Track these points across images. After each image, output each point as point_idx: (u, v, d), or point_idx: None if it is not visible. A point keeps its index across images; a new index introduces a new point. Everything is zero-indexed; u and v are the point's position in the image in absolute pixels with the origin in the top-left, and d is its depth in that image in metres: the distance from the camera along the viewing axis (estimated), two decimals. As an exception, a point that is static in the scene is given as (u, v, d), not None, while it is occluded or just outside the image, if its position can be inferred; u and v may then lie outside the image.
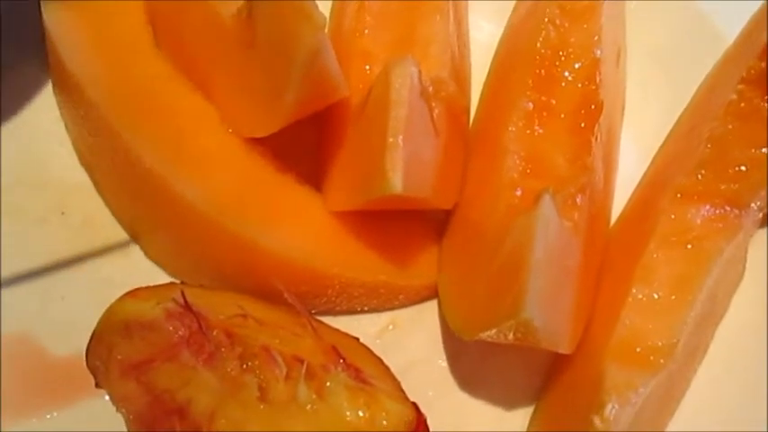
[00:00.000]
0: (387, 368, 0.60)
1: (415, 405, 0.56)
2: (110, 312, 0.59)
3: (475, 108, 0.73)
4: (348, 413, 0.54)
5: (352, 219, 0.65)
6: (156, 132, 0.65)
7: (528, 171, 0.63)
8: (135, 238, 0.68)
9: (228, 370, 0.57)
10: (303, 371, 0.55)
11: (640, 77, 0.75)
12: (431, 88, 0.64)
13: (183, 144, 0.65)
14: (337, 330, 0.63)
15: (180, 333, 0.58)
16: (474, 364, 0.65)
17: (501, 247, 0.57)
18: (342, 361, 0.57)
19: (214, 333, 0.58)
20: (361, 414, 0.54)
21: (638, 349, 0.58)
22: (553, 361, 0.64)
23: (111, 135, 0.64)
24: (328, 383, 0.55)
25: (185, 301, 0.58)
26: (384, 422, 0.54)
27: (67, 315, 0.66)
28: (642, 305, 0.59)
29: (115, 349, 0.58)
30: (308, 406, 0.55)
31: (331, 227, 0.65)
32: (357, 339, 0.62)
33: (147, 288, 0.61)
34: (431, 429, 0.56)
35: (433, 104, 0.64)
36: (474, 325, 0.57)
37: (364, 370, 0.57)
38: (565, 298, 0.57)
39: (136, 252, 0.68)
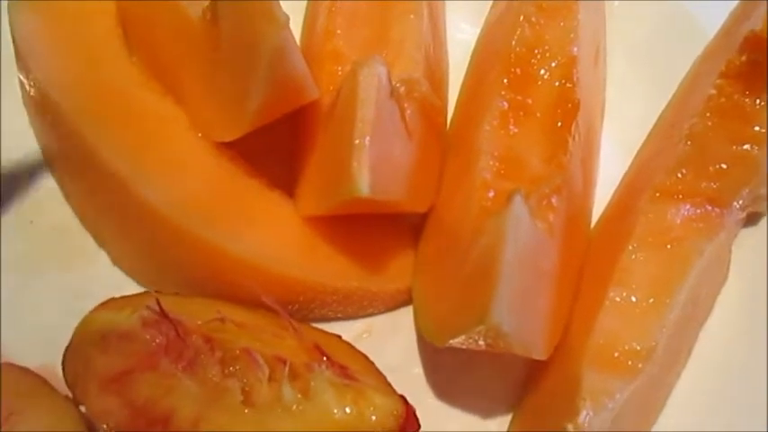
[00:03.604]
0: (372, 363, 0.59)
1: (403, 398, 0.55)
2: (84, 324, 0.59)
3: (453, 109, 0.72)
4: (335, 411, 0.54)
5: (324, 223, 0.64)
6: (124, 137, 0.64)
7: (502, 172, 0.61)
8: (104, 246, 0.67)
9: (210, 375, 0.56)
10: (286, 371, 0.55)
11: (622, 75, 0.73)
12: (402, 88, 0.62)
13: (152, 149, 0.64)
14: (318, 329, 0.62)
15: (157, 341, 0.57)
16: (451, 372, 0.64)
17: (472, 251, 0.55)
18: (325, 359, 0.56)
19: (193, 339, 0.57)
20: (348, 411, 0.54)
21: (615, 354, 0.56)
22: (531, 367, 0.62)
23: (78, 141, 0.63)
24: (313, 382, 0.55)
25: (161, 308, 0.57)
26: (373, 417, 0.54)
27: (37, 326, 0.64)
28: (619, 308, 0.57)
29: (92, 362, 0.57)
30: (294, 406, 0.54)
31: (303, 232, 0.64)
32: (339, 337, 0.61)
33: (121, 298, 0.61)
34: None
35: (406, 105, 0.62)
36: (444, 331, 0.56)
37: (349, 366, 0.57)
38: (539, 302, 0.56)
39: (105, 261, 0.67)
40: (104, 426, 0.56)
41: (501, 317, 0.50)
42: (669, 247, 0.59)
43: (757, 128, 0.61)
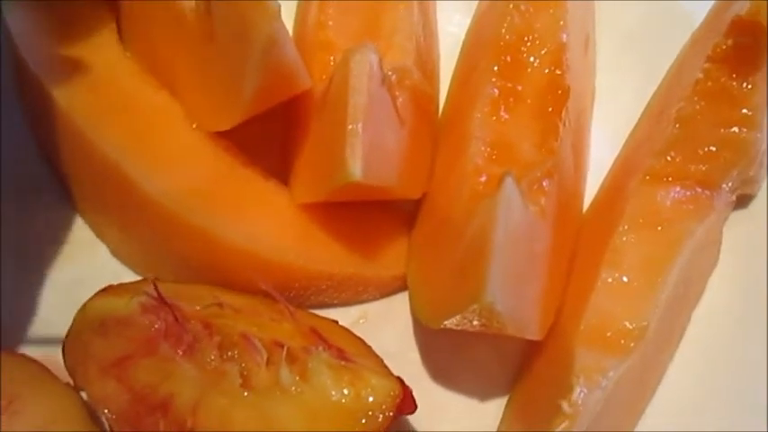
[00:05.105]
0: (368, 346, 0.59)
1: (399, 379, 0.55)
2: (84, 311, 0.60)
3: (445, 98, 0.73)
4: (333, 392, 0.54)
5: (319, 211, 0.65)
6: (121, 130, 0.64)
7: (493, 157, 0.62)
8: (103, 237, 0.68)
9: (209, 360, 0.57)
10: (284, 354, 0.55)
11: (612, 62, 0.74)
12: (394, 76, 0.63)
13: (148, 140, 0.65)
14: (315, 314, 0.63)
15: (156, 326, 0.58)
16: (447, 356, 0.64)
17: (465, 234, 0.56)
18: (322, 342, 0.57)
19: (191, 324, 0.58)
20: (346, 392, 0.54)
21: (607, 333, 0.57)
22: (527, 349, 0.63)
23: (74, 133, 0.64)
24: (310, 364, 0.55)
25: (159, 294, 0.58)
26: (370, 398, 0.54)
27: (38, 315, 0.65)
28: (611, 289, 0.58)
29: (92, 348, 0.58)
30: (293, 389, 0.55)
31: (298, 220, 0.65)
32: (336, 322, 0.62)
33: (120, 285, 0.61)
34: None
35: (397, 93, 0.63)
36: (439, 312, 0.56)
37: (346, 349, 0.57)
38: (532, 283, 0.56)
39: (103, 251, 0.67)
40: (105, 411, 0.57)
41: (494, 295, 0.50)
42: (660, 228, 0.60)
43: (745, 110, 0.62)
